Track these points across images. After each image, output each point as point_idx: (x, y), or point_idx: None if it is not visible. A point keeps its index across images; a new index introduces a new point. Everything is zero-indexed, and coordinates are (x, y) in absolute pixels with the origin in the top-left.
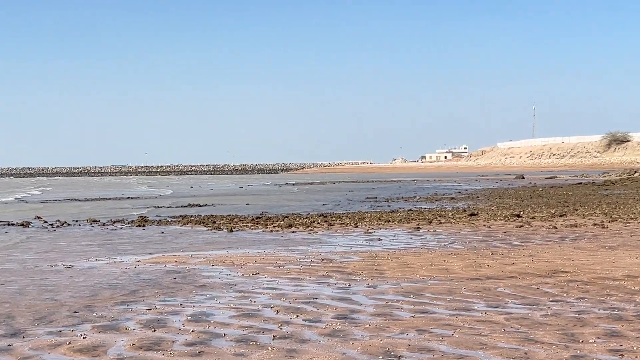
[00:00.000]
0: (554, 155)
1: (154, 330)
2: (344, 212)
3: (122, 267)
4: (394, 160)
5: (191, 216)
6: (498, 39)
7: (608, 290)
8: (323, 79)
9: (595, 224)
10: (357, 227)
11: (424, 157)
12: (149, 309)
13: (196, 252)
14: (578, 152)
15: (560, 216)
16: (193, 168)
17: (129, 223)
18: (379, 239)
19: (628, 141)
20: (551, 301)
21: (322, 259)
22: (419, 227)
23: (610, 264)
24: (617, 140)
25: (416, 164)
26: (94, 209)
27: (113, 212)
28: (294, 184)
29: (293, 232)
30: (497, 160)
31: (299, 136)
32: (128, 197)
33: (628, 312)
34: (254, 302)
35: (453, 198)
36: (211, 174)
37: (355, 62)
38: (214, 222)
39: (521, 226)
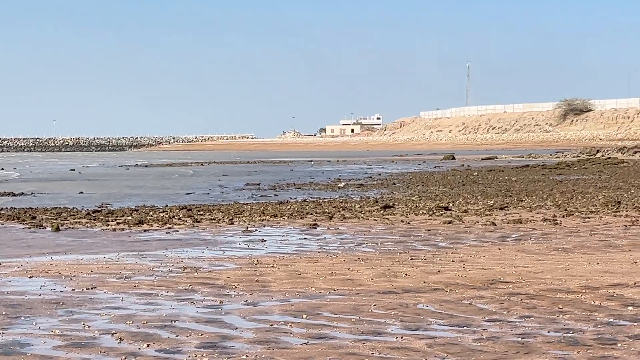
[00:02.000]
0: (493, 128)
1: None
2: (216, 203)
3: None
4: (284, 134)
5: (0, 209)
6: None
7: (560, 306)
8: (185, 27)
9: (545, 220)
10: (232, 223)
11: (323, 130)
12: None
13: (6, 259)
14: (525, 124)
15: (501, 209)
16: (4, 142)
17: None
18: (262, 240)
19: (589, 111)
20: (487, 321)
21: (185, 268)
22: (315, 224)
23: (564, 272)
24: (575, 110)
25: (313, 140)
26: None
27: None
28: (146, 166)
29: (145, 230)
30: (420, 135)
31: (154, 102)
32: None
33: (586, 334)
34: (89, 326)
35: (362, 185)
36: (30, 151)
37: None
38: (34, 218)
39: (450, 222)
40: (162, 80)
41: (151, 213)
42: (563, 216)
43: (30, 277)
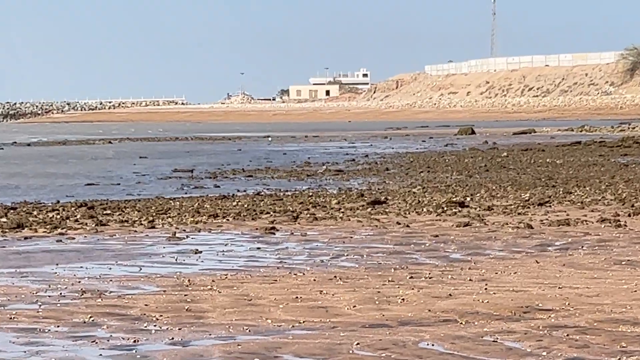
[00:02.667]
0: (530, 89)
1: None
2: (129, 198)
3: None
4: (229, 98)
5: None
6: None
7: (624, 344)
8: None
9: (603, 220)
10: (153, 227)
11: (285, 92)
12: None
13: None
14: (575, 84)
15: (540, 205)
16: None
17: None
18: (196, 251)
19: None
20: None
21: (84, 291)
22: (273, 228)
23: (629, 296)
24: None
25: (271, 106)
26: None
27: None
28: (28, 144)
29: (26, 238)
30: (425, 99)
31: (40, 55)
32: None
33: None
34: None
35: (341, 172)
36: None
37: None
38: None
39: (467, 224)
40: (52, 24)
41: (35, 212)
42: (629, 215)
43: None
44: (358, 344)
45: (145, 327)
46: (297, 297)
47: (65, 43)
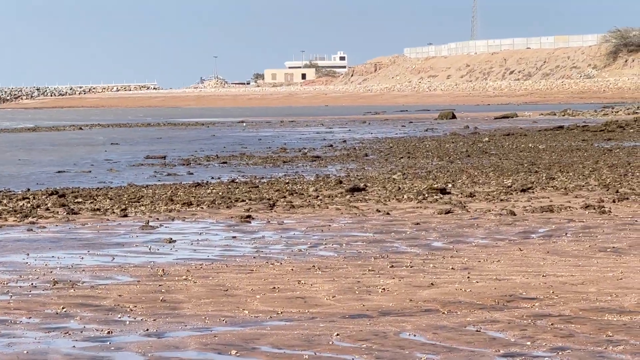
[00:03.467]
0: (511, 73)
1: None
2: (101, 186)
3: None
4: (202, 82)
5: None
6: None
7: (610, 334)
8: None
9: (587, 206)
10: (126, 216)
11: (260, 76)
12: None
13: None
14: (557, 67)
15: (523, 191)
16: None
17: None
18: (170, 240)
19: None
20: (503, 356)
21: (56, 282)
22: (249, 217)
23: (615, 283)
24: (631, 46)
25: (246, 90)
26: None
27: None
28: None
29: None
30: (405, 82)
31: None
32: None
33: None
34: None
35: (318, 158)
36: None
37: None
38: None
39: (449, 212)
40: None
41: (5, 201)
42: (613, 201)
43: None
44: (338, 335)
45: (119, 318)
46: (274, 288)
47: (33, 27)
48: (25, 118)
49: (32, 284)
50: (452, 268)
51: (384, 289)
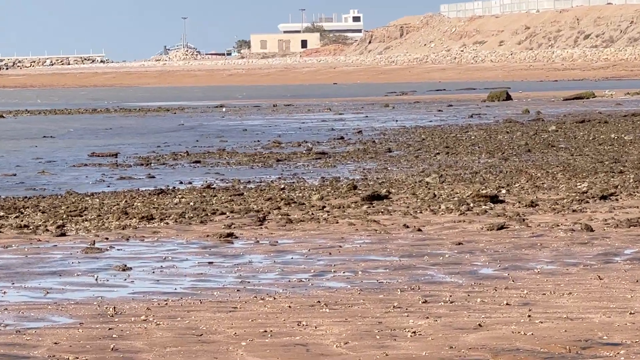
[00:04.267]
0: (586, 37)
1: None
2: (29, 194)
3: None
4: (167, 52)
5: None
6: None
7: None
8: None
9: None
10: (64, 235)
11: (245, 44)
12: None
13: None
14: None
15: (604, 198)
16: None
17: None
18: (125, 268)
19: None
20: None
21: None
22: (231, 235)
23: None
24: None
25: (225, 64)
26: None
27: None
28: None
29: None
30: (442, 50)
31: None
32: None
33: None
34: None
35: (324, 154)
36: None
37: None
38: None
39: (502, 227)
40: None
41: None
42: None
43: None
44: None
45: None
46: (265, 331)
47: None
48: None
49: None
50: (507, 304)
51: (414, 332)
